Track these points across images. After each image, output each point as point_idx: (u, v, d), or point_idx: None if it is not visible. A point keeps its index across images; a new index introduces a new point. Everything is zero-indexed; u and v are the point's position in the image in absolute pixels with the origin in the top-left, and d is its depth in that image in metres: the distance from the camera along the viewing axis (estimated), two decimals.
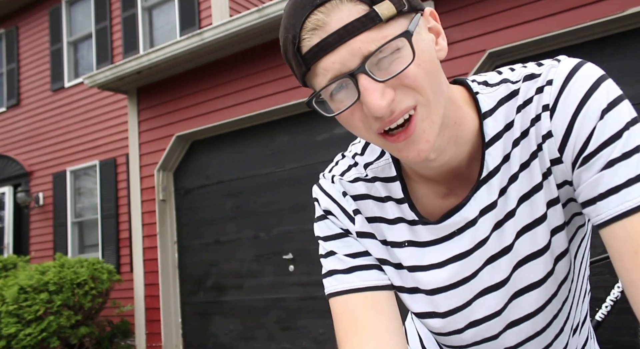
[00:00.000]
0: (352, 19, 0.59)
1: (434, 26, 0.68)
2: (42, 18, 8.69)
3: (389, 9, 0.59)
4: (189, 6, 6.82)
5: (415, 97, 0.62)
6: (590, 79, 0.65)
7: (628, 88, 3.47)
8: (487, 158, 0.71)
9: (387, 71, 0.61)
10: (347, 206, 0.81)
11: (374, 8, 0.59)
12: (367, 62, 0.59)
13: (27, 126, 8.66)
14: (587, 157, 0.65)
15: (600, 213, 0.64)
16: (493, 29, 3.85)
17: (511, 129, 0.70)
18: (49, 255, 7.78)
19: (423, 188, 0.77)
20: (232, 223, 5.39)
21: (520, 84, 0.70)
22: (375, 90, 0.60)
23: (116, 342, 6.14)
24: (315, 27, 0.60)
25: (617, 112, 0.64)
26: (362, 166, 0.82)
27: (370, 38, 0.59)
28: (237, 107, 5.18)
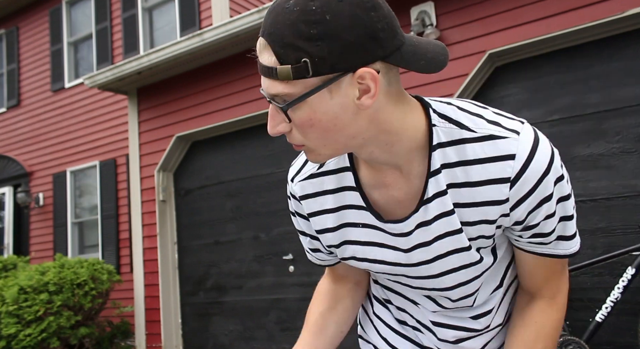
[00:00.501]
0: (266, 64, 0.73)
1: (366, 86, 0.72)
2: (43, 18, 8.70)
3: (286, 74, 0.70)
4: (189, 7, 6.83)
5: (304, 141, 0.77)
6: (544, 161, 0.80)
7: (628, 89, 3.47)
8: (429, 187, 0.83)
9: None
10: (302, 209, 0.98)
11: (277, 67, 0.71)
12: (273, 99, 0.75)
13: (27, 126, 8.66)
14: (529, 226, 0.84)
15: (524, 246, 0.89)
16: (493, 30, 3.85)
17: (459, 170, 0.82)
18: (49, 256, 7.78)
19: (367, 176, 0.89)
20: (232, 224, 5.39)
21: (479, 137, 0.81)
22: (273, 119, 0.77)
23: (116, 343, 6.14)
24: (258, 49, 0.75)
25: (560, 190, 0.83)
26: None
27: (272, 86, 0.73)
28: (238, 108, 5.19)
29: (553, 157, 0.81)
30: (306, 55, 0.69)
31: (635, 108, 3.44)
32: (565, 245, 0.88)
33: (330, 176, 0.92)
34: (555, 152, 0.82)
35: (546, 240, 0.86)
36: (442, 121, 0.82)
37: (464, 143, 0.80)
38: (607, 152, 3.49)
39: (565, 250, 0.88)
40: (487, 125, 0.81)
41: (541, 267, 0.91)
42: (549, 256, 0.88)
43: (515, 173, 0.79)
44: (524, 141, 0.79)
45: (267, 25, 0.72)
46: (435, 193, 0.83)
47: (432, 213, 0.85)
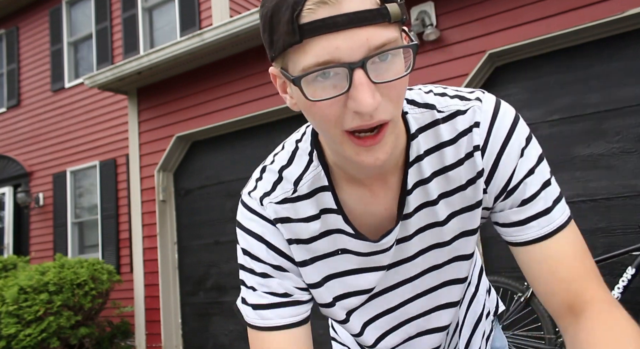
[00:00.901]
0: (365, 8, 0.57)
1: None
2: (43, 18, 8.70)
3: (398, 12, 0.59)
4: (189, 7, 6.83)
5: (392, 111, 0.63)
6: (509, 120, 0.76)
7: (628, 89, 3.47)
8: (408, 178, 0.77)
9: (381, 75, 0.60)
10: (276, 237, 0.81)
11: (386, 5, 0.58)
12: (369, 59, 0.58)
13: (27, 126, 8.66)
14: (511, 189, 0.77)
15: (519, 236, 0.77)
16: (493, 30, 3.85)
17: (430, 158, 0.77)
18: (49, 256, 7.78)
19: (350, 195, 0.79)
20: (232, 224, 5.39)
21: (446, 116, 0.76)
22: (369, 89, 0.59)
23: (116, 343, 6.14)
24: (325, 1, 0.56)
25: (531, 148, 0.76)
26: (290, 182, 0.80)
27: (379, 33, 0.58)
28: (238, 108, 5.19)
29: (517, 116, 0.77)
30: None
31: (635, 108, 3.44)
32: (556, 213, 0.76)
33: (308, 200, 0.79)
34: (519, 117, 0.78)
35: (533, 210, 0.75)
36: (412, 107, 0.77)
37: (437, 124, 0.76)
38: (607, 152, 3.49)
39: (558, 218, 0.76)
40: (451, 101, 0.77)
41: (554, 260, 0.74)
42: (549, 235, 0.75)
43: (484, 139, 0.75)
44: (485, 107, 0.76)
45: None
46: (415, 182, 0.77)
47: (413, 205, 0.79)
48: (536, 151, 0.77)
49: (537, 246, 0.76)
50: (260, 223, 0.81)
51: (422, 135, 0.76)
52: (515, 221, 0.77)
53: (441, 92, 0.79)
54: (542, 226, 0.75)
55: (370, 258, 0.82)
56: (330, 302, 0.85)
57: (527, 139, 0.76)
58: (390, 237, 0.80)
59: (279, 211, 0.80)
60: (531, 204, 0.76)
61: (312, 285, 0.83)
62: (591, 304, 0.71)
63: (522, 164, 0.75)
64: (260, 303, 0.81)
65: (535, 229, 0.76)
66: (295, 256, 0.82)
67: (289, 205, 0.80)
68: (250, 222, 0.81)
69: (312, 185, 0.79)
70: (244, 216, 0.82)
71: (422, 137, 0.76)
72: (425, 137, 0.76)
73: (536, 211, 0.76)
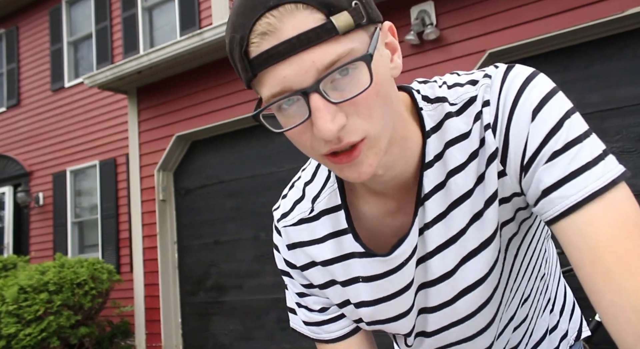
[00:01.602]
0: (307, 28, 0.53)
1: (391, 42, 0.64)
2: (42, 18, 8.70)
3: (347, 22, 0.54)
4: (189, 6, 6.82)
5: (366, 128, 0.58)
6: (518, 83, 0.64)
7: (628, 88, 3.47)
8: (424, 181, 0.69)
9: (341, 93, 0.56)
10: (295, 261, 0.81)
11: (330, 19, 0.54)
12: (321, 81, 0.55)
13: (27, 126, 8.66)
14: (528, 162, 0.63)
15: (547, 210, 0.62)
16: (493, 30, 3.85)
17: (446, 156, 0.69)
18: (49, 255, 7.78)
19: (373, 207, 0.74)
20: (232, 223, 5.39)
21: (459, 108, 0.68)
22: (327, 113, 0.55)
23: (116, 342, 6.14)
24: (265, 32, 0.54)
25: (551, 106, 0.62)
26: (309, 200, 0.79)
27: (326, 51, 0.54)
28: (237, 107, 5.19)
29: (533, 75, 0.65)
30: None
31: (635, 107, 3.45)
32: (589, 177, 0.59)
33: (323, 218, 0.77)
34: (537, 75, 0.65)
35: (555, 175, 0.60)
36: (426, 103, 0.70)
37: (449, 118, 0.68)
38: None
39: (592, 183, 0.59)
40: (463, 90, 0.69)
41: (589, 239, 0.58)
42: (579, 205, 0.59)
43: (493, 114, 0.65)
44: (495, 80, 0.66)
45: None
46: (435, 186, 0.69)
47: (432, 213, 0.70)
48: (558, 109, 0.62)
49: (566, 222, 0.60)
50: (282, 245, 0.82)
51: (438, 133, 0.69)
52: (540, 193, 0.62)
53: (454, 82, 0.71)
54: (567, 196, 0.59)
55: (387, 281, 0.74)
56: (358, 321, 0.82)
57: (543, 98, 0.63)
58: (402, 249, 0.71)
59: (293, 236, 0.80)
60: (551, 168, 0.61)
61: (338, 305, 0.81)
62: None
63: (536, 128, 0.62)
64: (305, 320, 0.83)
65: (560, 200, 0.60)
66: (313, 281, 0.80)
67: (305, 226, 0.78)
68: (277, 241, 0.83)
69: (328, 203, 0.77)
70: (274, 235, 0.84)
71: (438, 135, 0.69)
72: (440, 134, 0.69)
73: (560, 176, 0.60)
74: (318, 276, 0.79)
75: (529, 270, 0.78)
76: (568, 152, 0.60)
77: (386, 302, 0.76)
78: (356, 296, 0.78)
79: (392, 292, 0.75)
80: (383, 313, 0.77)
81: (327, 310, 0.82)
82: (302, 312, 0.84)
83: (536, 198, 0.63)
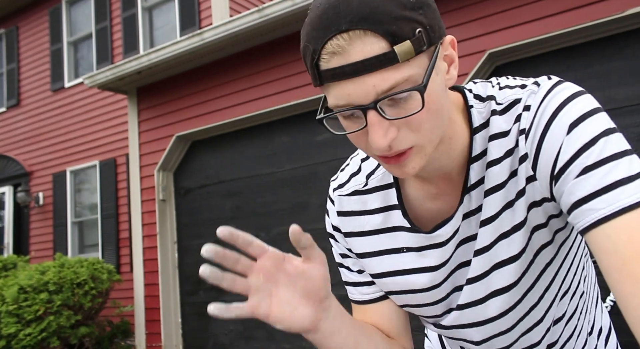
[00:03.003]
0: (372, 55, 0.60)
1: (450, 54, 0.69)
2: (42, 18, 8.70)
3: (408, 51, 0.60)
4: (189, 6, 6.83)
5: (415, 139, 0.65)
6: (561, 97, 0.68)
7: (628, 89, 3.47)
8: (471, 173, 0.75)
9: (396, 110, 0.63)
10: (340, 226, 0.88)
11: (394, 48, 0.60)
12: (378, 102, 0.62)
13: (27, 126, 8.66)
14: (558, 172, 0.66)
15: (579, 221, 0.64)
16: (493, 29, 3.86)
17: (488, 150, 0.74)
18: (49, 255, 7.78)
19: (416, 190, 0.81)
20: (232, 223, 5.37)
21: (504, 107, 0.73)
22: (380, 128, 0.63)
23: (116, 342, 6.14)
24: (335, 52, 0.61)
25: (588, 123, 0.65)
26: (364, 175, 0.86)
27: (386, 77, 0.61)
28: (237, 107, 5.19)
29: (578, 93, 0.68)
30: (419, 25, 0.61)
31: (635, 107, 3.45)
32: (623, 193, 0.61)
33: (376, 193, 0.84)
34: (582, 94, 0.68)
35: (588, 188, 0.63)
36: (477, 101, 0.76)
37: (492, 115, 0.74)
38: None
39: (625, 199, 0.61)
40: (511, 92, 0.74)
41: (620, 248, 0.61)
42: (612, 216, 0.61)
43: (530, 121, 0.69)
44: (541, 89, 0.70)
45: (353, 13, 0.60)
46: (478, 179, 0.75)
47: (477, 202, 0.76)
48: (596, 127, 0.64)
49: (597, 231, 0.62)
50: (333, 212, 0.89)
51: (484, 130, 0.74)
52: (571, 205, 0.65)
53: (506, 84, 0.76)
54: (599, 208, 0.62)
55: (428, 253, 0.81)
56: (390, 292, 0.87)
57: (583, 115, 0.65)
58: (444, 230, 0.78)
59: (345, 205, 0.87)
60: (585, 182, 0.63)
61: (374, 275, 0.87)
62: None
63: (570, 141, 0.65)
64: (346, 280, 0.92)
65: (591, 212, 0.62)
66: (353, 248, 0.87)
67: (357, 198, 0.86)
68: (329, 208, 0.90)
69: (381, 181, 0.84)
70: (327, 202, 0.91)
71: (484, 132, 0.74)
72: (486, 131, 0.74)
73: (592, 190, 0.63)
74: (360, 245, 0.86)
75: (565, 284, 0.81)
76: (601, 168, 0.63)
77: (424, 273, 0.82)
78: (396, 265, 0.84)
79: (430, 265, 0.81)
80: (418, 283, 0.83)
81: (363, 273, 0.89)
82: (342, 272, 0.92)
83: (568, 208, 0.66)
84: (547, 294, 0.80)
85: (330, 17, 0.61)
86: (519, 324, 0.81)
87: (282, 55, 4.90)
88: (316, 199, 4.84)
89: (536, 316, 0.81)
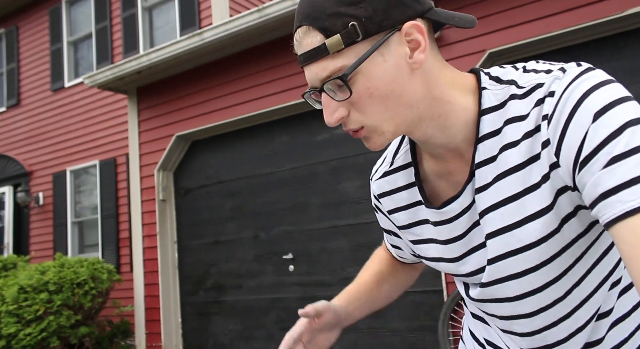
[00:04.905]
0: (311, 47, 0.71)
1: (415, 38, 0.71)
2: (42, 18, 8.70)
3: (337, 44, 0.68)
4: (189, 6, 6.82)
5: (361, 119, 0.73)
6: (588, 84, 0.66)
7: (628, 88, 3.45)
8: (477, 154, 0.77)
9: (343, 93, 0.72)
10: (382, 207, 0.99)
11: (325, 42, 0.69)
12: (325, 84, 0.71)
13: (27, 126, 8.66)
14: (583, 161, 0.64)
15: (604, 214, 0.62)
16: (493, 29, 3.86)
17: (502, 134, 0.75)
18: (49, 255, 7.78)
19: (431, 167, 0.86)
20: (232, 223, 5.39)
21: (526, 91, 0.73)
22: (328, 107, 0.73)
23: (116, 342, 6.14)
24: (296, 41, 0.74)
25: (615, 112, 0.63)
26: (391, 155, 0.95)
27: (323, 66, 0.71)
28: (237, 107, 5.19)
29: (606, 81, 0.66)
30: (353, 19, 0.68)
31: None
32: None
33: (401, 172, 0.92)
34: (610, 82, 0.66)
35: (615, 180, 0.61)
36: (493, 83, 0.76)
37: (513, 99, 0.73)
38: None
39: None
40: (535, 76, 0.73)
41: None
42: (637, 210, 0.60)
43: (553, 106, 0.68)
44: (567, 75, 0.69)
45: (303, 11, 0.72)
46: (485, 159, 0.76)
47: (487, 178, 0.76)
48: (623, 115, 0.63)
49: (622, 224, 0.61)
50: (373, 194, 0.99)
51: (497, 112, 0.75)
52: (596, 198, 0.63)
53: (532, 68, 0.75)
54: (626, 201, 0.60)
55: (443, 228, 0.85)
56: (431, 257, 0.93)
57: (610, 103, 0.64)
58: (451, 206, 0.81)
59: (381, 186, 0.95)
60: (610, 173, 0.62)
61: (412, 241, 0.95)
62: None
63: (596, 129, 0.63)
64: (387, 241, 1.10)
65: (618, 204, 0.61)
66: (397, 222, 0.95)
67: (388, 177, 0.94)
68: (372, 190, 1.00)
69: (404, 159, 0.91)
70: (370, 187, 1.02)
71: (499, 113, 0.74)
72: (502, 112, 0.74)
73: (616, 183, 0.61)
74: (402, 218, 0.94)
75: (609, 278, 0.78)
76: (629, 159, 0.61)
77: (438, 244, 0.88)
78: (423, 234, 0.91)
79: (446, 238, 0.86)
80: (446, 252, 0.88)
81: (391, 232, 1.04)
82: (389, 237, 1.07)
83: (593, 200, 0.64)
84: (580, 287, 0.77)
85: (296, 14, 0.74)
86: (542, 313, 0.80)
87: (282, 55, 4.90)
88: (316, 199, 4.84)
89: (563, 309, 0.79)
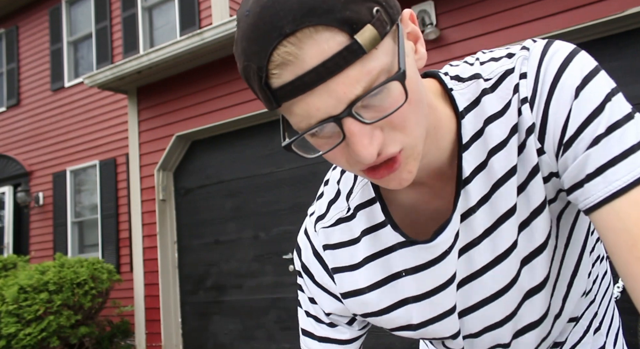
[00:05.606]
0: (331, 53, 0.48)
1: (413, 30, 0.58)
2: (42, 18, 8.70)
3: (372, 37, 0.49)
4: (189, 6, 6.82)
5: (403, 140, 0.55)
6: (559, 58, 0.61)
7: (628, 88, 3.47)
8: (464, 164, 0.65)
9: (375, 109, 0.53)
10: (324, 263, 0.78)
11: (355, 38, 0.48)
12: (353, 106, 0.51)
13: (27, 126, 8.66)
14: (568, 141, 0.60)
15: (588, 197, 0.58)
16: (493, 29, 3.85)
17: (485, 135, 0.65)
18: (49, 255, 7.78)
19: (405, 196, 0.71)
20: (232, 223, 5.39)
21: (494, 82, 0.65)
22: (364, 136, 0.52)
23: (116, 342, 6.14)
24: (285, 62, 0.49)
25: (593, 86, 0.59)
26: (344, 197, 0.75)
27: (355, 78, 0.49)
28: (237, 107, 5.19)
29: (575, 52, 0.61)
30: (374, 3, 0.50)
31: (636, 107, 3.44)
32: (633, 164, 0.56)
33: (358, 215, 0.73)
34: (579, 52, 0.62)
35: (598, 161, 0.57)
36: (456, 83, 0.66)
37: (485, 94, 0.64)
38: None
39: (636, 169, 0.56)
40: (497, 64, 0.65)
41: (630, 226, 0.56)
42: (623, 191, 0.56)
43: (531, 88, 0.61)
44: (533, 53, 0.63)
45: (292, 10, 0.48)
46: (474, 168, 0.65)
47: (475, 197, 0.66)
48: (601, 89, 0.59)
49: (606, 208, 0.57)
50: (306, 248, 0.79)
51: (472, 112, 0.65)
52: (579, 180, 0.59)
53: (489, 58, 0.67)
54: (610, 181, 0.57)
55: (431, 271, 0.70)
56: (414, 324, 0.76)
57: (586, 76, 0.59)
58: (445, 235, 0.66)
59: (331, 237, 0.76)
60: (595, 153, 0.58)
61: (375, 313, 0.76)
62: None
63: (578, 106, 0.58)
64: (307, 330, 0.83)
65: (602, 186, 0.57)
66: (346, 286, 0.76)
67: (343, 226, 0.74)
68: (303, 243, 0.80)
69: (362, 198, 0.73)
70: (304, 237, 0.80)
71: (475, 113, 0.65)
72: (478, 111, 0.65)
73: (601, 162, 0.57)
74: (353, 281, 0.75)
75: (589, 276, 0.74)
76: (610, 136, 0.57)
77: (431, 297, 0.71)
78: (400, 293, 0.73)
79: (436, 285, 0.71)
80: (432, 311, 0.72)
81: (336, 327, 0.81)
82: (307, 322, 0.83)
83: (574, 183, 0.60)
84: (575, 283, 0.72)
85: (268, 22, 0.48)
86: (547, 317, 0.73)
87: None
88: None
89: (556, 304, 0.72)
